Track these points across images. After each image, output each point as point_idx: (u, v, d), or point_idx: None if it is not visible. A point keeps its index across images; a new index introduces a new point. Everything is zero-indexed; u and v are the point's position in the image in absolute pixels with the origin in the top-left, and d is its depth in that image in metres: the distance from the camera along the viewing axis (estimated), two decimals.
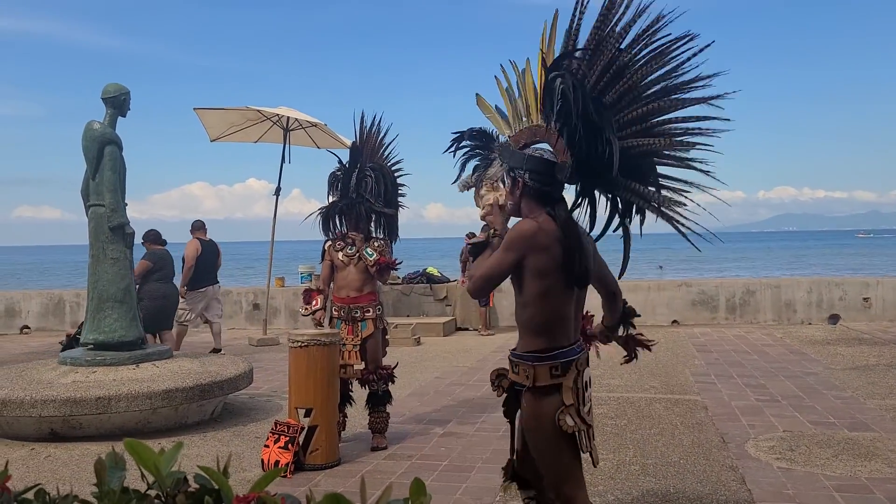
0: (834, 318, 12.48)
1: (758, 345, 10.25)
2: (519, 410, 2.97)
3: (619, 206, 2.78)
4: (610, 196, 2.77)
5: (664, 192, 2.75)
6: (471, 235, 13.60)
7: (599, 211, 2.80)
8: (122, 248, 6.33)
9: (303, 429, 4.98)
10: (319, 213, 5.67)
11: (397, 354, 5.55)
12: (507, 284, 2.91)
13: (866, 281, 13.10)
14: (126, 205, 6.43)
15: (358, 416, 5.91)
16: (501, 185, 3.04)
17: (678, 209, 2.74)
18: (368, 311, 5.50)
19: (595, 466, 3.02)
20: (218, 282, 10.01)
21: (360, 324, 5.50)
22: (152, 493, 0.87)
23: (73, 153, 6.41)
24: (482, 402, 6.81)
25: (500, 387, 3.04)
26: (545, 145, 2.91)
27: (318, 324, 5.61)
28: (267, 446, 4.97)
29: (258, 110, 10.82)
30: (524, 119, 3.06)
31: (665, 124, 2.70)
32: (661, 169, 2.79)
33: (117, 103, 6.40)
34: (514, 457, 3.16)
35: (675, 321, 12.80)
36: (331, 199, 5.66)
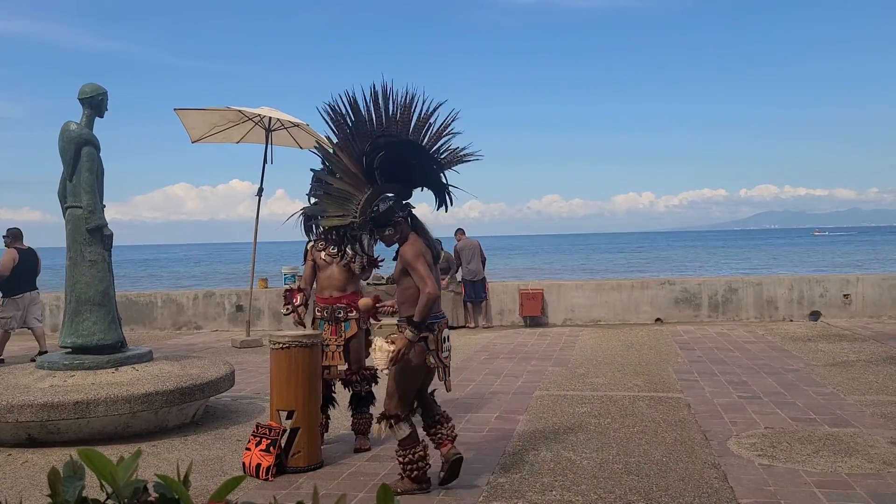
0: (815, 315, 12.60)
1: (740, 342, 10.32)
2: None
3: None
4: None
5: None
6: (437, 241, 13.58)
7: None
8: (101, 251, 6.25)
9: (284, 431, 4.94)
10: (301, 214, 5.64)
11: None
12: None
13: (846, 278, 13.22)
14: (104, 206, 6.35)
15: (341, 418, 5.87)
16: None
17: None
18: (352, 312, 5.48)
19: (448, 392, 4.64)
20: (36, 288, 10.27)
21: (343, 324, 5.47)
22: (110, 503, 0.84)
23: (52, 155, 6.34)
24: (466, 403, 6.80)
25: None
26: (388, 193, 4.36)
27: (299, 322, 5.57)
28: (248, 449, 4.92)
29: (240, 111, 10.74)
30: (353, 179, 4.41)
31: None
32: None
33: (94, 104, 6.32)
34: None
35: (658, 319, 12.87)
36: (313, 200, 5.62)
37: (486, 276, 13.16)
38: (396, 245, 4.46)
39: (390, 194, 4.34)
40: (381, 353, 4.33)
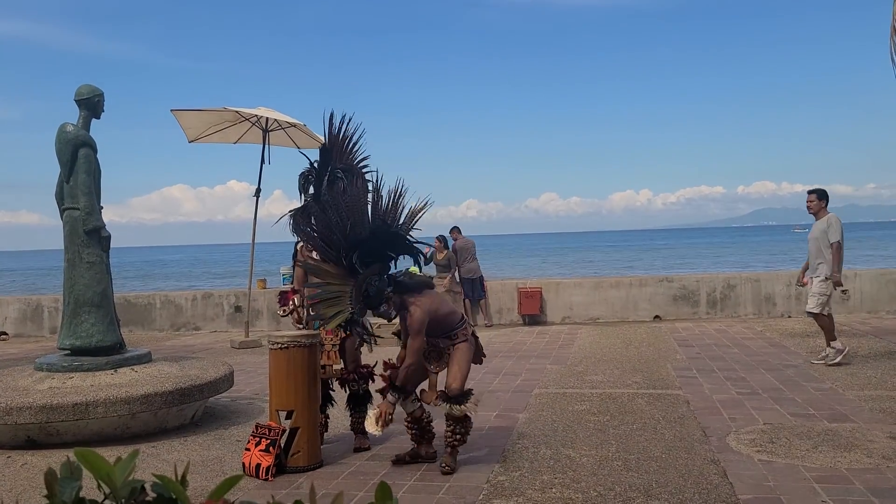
0: None
1: (738, 338, 10.33)
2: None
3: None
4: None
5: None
6: (441, 239, 13.46)
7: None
8: (99, 252, 6.24)
9: (284, 431, 4.94)
10: (291, 215, 5.64)
11: (379, 354, 5.54)
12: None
13: (844, 273, 13.21)
14: (102, 207, 6.34)
15: (340, 417, 5.87)
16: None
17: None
18: None
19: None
20: None
21: None
22: (108, 503, 0.84)
23: (50, 157, 6.32)
24: None
25: None
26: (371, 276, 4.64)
27: (298, 321, 5.57)
28: (248, 450, 4.92)
29: (237, 111, 10.72)
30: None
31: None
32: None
33: (91, 105, 6.31)
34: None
35: (657, 316, 12.87)
36: (301, 200, 5.63)
37: (483, 274, 13.17)
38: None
39: (373, 276, 4.62)
40: (369, 420, 4.79)
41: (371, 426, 4.73)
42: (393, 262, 4.84)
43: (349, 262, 4.66)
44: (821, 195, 8.38)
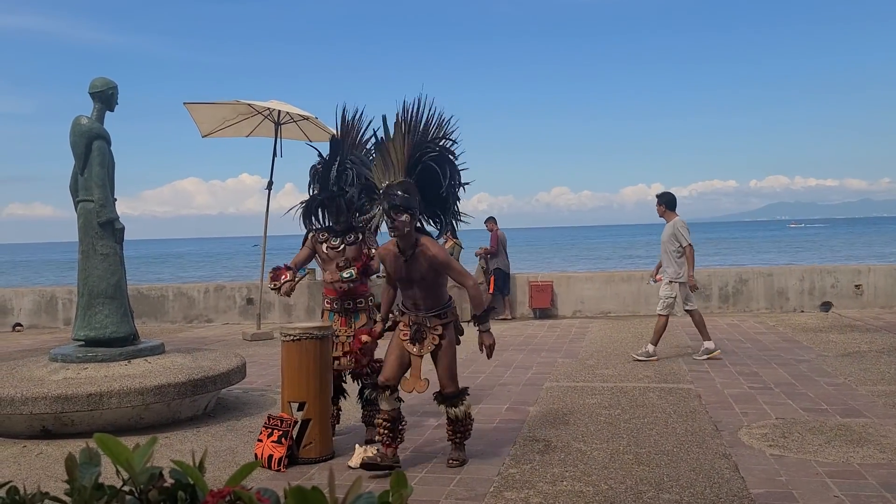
0: (826, 306, 12.53)
1: (751, 333, 10.28)
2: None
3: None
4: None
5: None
6: (448, 236, 13.35)
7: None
8: (112, 244, 6.29)
9: (296, 422, 4.97)
10: (300, 207, 5.65)
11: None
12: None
13: (858, 268, 13.15)
14: (115, 200, 6.39)
15: (352, 410, 5.90)
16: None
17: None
18: (361, 302, 5.49)
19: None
20: None
21: (352, 315, 5.47)
22: (126, 489, 0.85)
23: (64, 149, 6.37)
24: (476, 394, 6.80)
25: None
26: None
27: (286, 294, 5.45)
28: (260, 441, 4.96)
29: (249, 104, 10.75)
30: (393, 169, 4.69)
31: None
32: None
33: (105, 98, 6.34)
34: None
35: None
36: (312, 192, 5.64)
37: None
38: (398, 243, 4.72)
39: (415, 203, 4.64)
40: (358, 454, 4.79)
41: (358, 456, 4.74)
42: (428, 220, 4.87)
43: (416, 159, 4.66)
44: (661, 200, 8.53)
